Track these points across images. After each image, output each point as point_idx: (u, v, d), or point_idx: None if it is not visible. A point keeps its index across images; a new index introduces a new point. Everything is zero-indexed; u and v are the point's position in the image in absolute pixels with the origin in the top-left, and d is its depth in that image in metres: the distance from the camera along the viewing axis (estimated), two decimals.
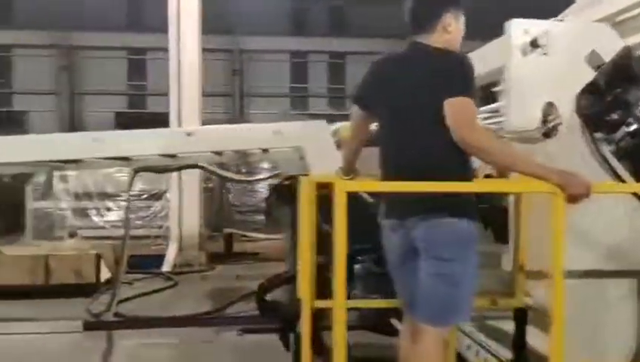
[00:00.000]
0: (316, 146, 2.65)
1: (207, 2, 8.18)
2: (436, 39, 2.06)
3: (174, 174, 7.00)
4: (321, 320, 2.58)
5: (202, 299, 5.99)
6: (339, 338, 1.79)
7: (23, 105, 19.22)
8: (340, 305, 1.81)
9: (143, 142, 2.71)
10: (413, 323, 2.07)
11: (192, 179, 7.29)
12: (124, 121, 19.89)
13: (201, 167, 4.41)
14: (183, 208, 7.40)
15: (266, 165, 9.65)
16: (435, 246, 1.98)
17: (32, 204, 8.44)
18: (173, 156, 3.51)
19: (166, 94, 21.89)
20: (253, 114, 20.20)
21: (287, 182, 4.86)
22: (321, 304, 2.39)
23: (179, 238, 7.45)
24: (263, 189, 10.82)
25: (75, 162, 3.60)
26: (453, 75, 1.98)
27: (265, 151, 3.74)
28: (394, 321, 2.99)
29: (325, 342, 2.66)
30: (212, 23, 19.79)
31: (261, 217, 10.70)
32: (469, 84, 1.98)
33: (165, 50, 21.13)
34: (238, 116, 20.08)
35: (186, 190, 7.41)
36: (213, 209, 9.53)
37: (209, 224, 8.87)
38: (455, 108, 1.91)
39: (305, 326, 2.31)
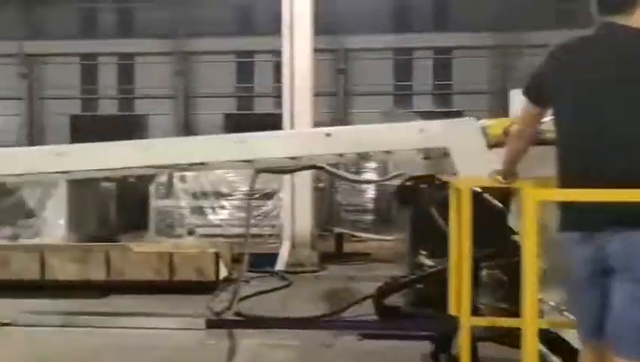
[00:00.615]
0: (464, 146, 2.42)
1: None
2: (637, 19, 1.80)
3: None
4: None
5: (317, 300, 5.95)
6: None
7: (144, 109, 20.54)
8: (530, 323, 1.55)
9: (284, 144, 2.63)
10: (601, 351, 1.78)
11: (304, 179, 7.29)
12: (233, 123, 20.66)
13: (322, 168, 4.33)
14: (296, 207, 7.43)
15: (373, 165, 9.52)
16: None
17: (154, 203, 8.91)
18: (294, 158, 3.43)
19: (272, 95, 22.47)
20: (356, 113, 20.13)
21: (409, 183, 4.67)
22: (480, 322, 2.15)
23: (292, 238, 7.49)
24: (370, 189, 10.68)
25: (202, 164, 3.66)
26: None
27: (388, 151, 3.56)
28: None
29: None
30: (316, 23, 19.97)
31: (369, 217, 10.57)
32: None
33: (271, 52, 21.66)
34: (342, 115, 20.09)
35: (298, 189, 7.43)
36: (323, 209, 9.52)
37: (318, 224, 8.86)
38: None
39: (464, 351, 2.07)
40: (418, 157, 4.00)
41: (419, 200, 4.86)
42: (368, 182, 5.86)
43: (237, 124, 20.43)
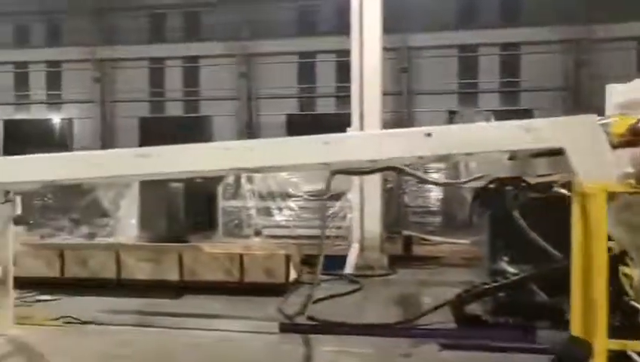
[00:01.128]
0: (584, 147, 2.20)
1: None
2: None
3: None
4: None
5: (390, 306, 5.78)
6: None
7: (208, 110, 20.98)
8: None
9: (379, 145, 2.48)
10: None
11: (373, 180, 7.14)
12: (295, 123, 20.75)
13: (400, 170, 4.16)
14: (365, 209, 7.28)
15: (441, 167, 9.22)
16: None
17: (222, 203, 9.00)
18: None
19: (334, 95, 22.34)
20: (419, 112, 19.76)
21: (492, 185, 4.42)
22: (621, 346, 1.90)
23: (360, 240, 7.35)
24: (437, 191, 10.39)
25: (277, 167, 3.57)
26: None
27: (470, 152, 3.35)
28: None
29: None
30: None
31: (436, 219, 10.28)
32: None
33: (333, 52, 21.53)
34: (406, 115, 19.77)
35: (367, 191, 7.28)
36: (390, 211, 9.32)
37: (385, 226, 8.67)
38: None
39: None
40: (503, 157, 3.76)
41: (501, 203, 4.60)
42: (449, 184, 5.63)
43: (299, 124, 20.52)
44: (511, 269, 4.71)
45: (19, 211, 4.64)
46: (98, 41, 20.65)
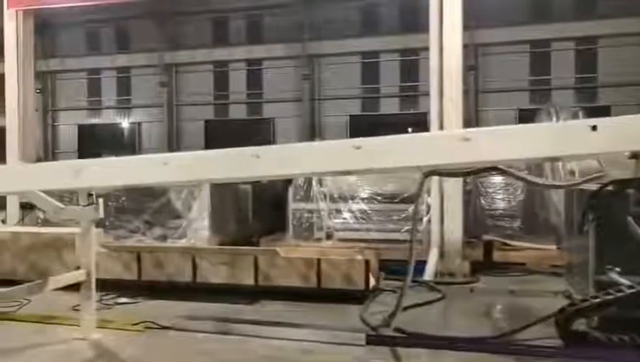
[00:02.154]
0: None
1: None
2: None
3: (435, 177, 6.54)
4: None
5: (479, 317, 5.37)
6: None
7: (271, 112, 21.03)
8: None
9: (528, 141, 2.15)
10: None
11: (455, 182, 6.73)
12: (358, 124, 20.46)
13: (502, 171, 3.78)
14: (445, 213, 6.88)
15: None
16: None
17: (293, 205, 8.81)
18: None
19: (398, 96, 21.84)
20: (486, 111, 19.03)
21: (609, 187, 3.96)
22: None
23: (440, 245, 6.96)
24: (515, 192, 9.78)
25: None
26: None
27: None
28: None
29: None
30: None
31: (516, 223, 9.68)
32: None
33: (397, 51, 21.04)
34: (473, 115, 19.09)
35: (447, 192, 6.89)
36: (468, 213, 8.84)
37: (464, 230, 8.21)
38: None
39: None
40: (623, 157, 3.33)
41: (613, 206, 4.13)
42: (559, 186, 5.16)
43: (361, 125, 20.22)
44: (624, 281, 4.22)
45: (101, 214, 4.58)
46: (164, 46, 21.14)
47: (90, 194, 4.44)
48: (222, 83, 21.74)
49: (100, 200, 4.57)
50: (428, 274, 6.78)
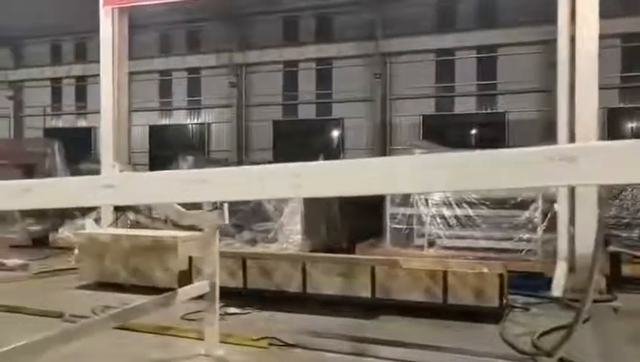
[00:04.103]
0: None
1: None
2: None
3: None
4: None
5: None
6: None
7: (340, 112, 20.57)
8: None
9: None
10: None
11: (588, 188, 6.02)
12: (431, 124, 19.70)
13: None
14: (577, 221, 6.18)
15: None
16: None
17: (390, 210, 8.28)
18: None
19: (473, 95, 20.82)
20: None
21: None
22: None
23: (568, 257, 6.25)
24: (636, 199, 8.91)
25: None
26: None
27: None
28: None
29: None
30: (528, 12, 18.09)
31: (635, 233, 8.80)
32: None
33: (474, 48, 20.03)
34: (553, 114, 17.94)
35: (579, 199, 6.17)
36: None
37: None
38: None
39: None
40: None
41: None
42: None
43: (435, 125, 19.47)
44: None
45: (226, 220, 4.20)
46: (234, 46, 21.07)
47: None
48: (291, 83, 21.48)
49: (225, 205, 4.18)
50: (556, 290, 6.09)
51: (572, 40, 6.19)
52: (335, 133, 21.34)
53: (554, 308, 5.76)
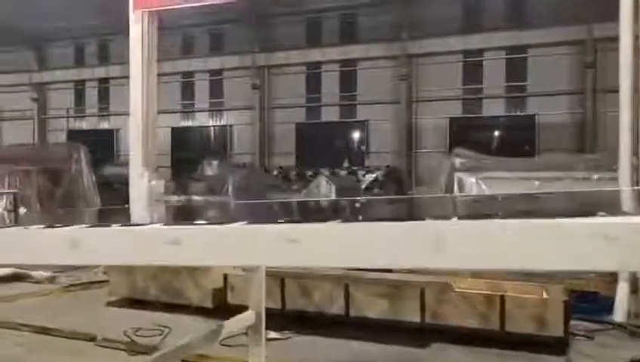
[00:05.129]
0: None
1: None
2: None
3: None
4: None
5: None
6: None
7: (365, 114, 20.20)
8: None
9: None
10: None
11: None
12: (458, 127, 19.21)
13: None
14: None
15: None
16: None
17: None
18: None
19: (501, 97, 20.24)
20: (604, 113, 17.26)
21: None
22: None
23: (631, 278, 5.79)
24: None
25: None
26: None
27: None
28: None
29: None
30: (560, 12, 17.44)
31: None
32: None
33: (503, 48, 19.45)
34: (590, 116, 17.43)
35: None
36: None
37: None
38: None
39: None
40: None
41: None
42: None
43: (462, 128, 18.98)
44: None
45: None
46: (256, 48, 20.78)
47: None
48: (314, 85, 21.14)
49: None
50: (618, 314, 5.64)
51: (636, 38, 5.73)
52: (359, 136, 20.96)
53: (621, 337, 5.31)
